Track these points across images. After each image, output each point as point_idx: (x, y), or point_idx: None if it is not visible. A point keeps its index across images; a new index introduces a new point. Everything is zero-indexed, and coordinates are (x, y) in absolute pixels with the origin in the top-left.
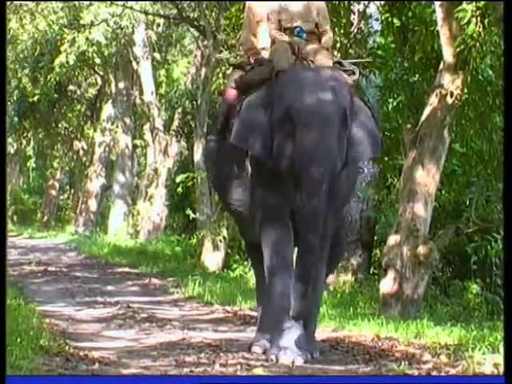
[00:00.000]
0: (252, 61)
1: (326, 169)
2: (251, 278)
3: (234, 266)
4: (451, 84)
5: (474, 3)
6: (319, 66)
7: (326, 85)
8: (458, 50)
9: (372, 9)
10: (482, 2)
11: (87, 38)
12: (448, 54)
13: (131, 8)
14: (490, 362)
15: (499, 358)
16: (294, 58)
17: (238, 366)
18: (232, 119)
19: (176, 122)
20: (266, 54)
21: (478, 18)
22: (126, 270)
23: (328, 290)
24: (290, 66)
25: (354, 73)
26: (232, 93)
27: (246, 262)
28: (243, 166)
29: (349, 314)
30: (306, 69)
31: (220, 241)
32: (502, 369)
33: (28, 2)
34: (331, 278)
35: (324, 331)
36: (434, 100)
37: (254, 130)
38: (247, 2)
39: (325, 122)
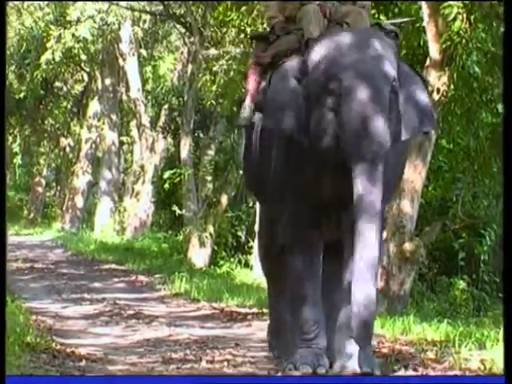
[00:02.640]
0: (277, 29)
1: (379, 146)
2: (238, 275)
3: (221, 262)
4: (437, 80)
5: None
6: (358, 29)
7: (369, 51)
8: (444, 46)
9: None
10: None
11: (73, 35)
12: (434, 51)
13: (117, 4)
14: (476, 358)
15: (486, 354)
16: (327, 23)
17: (225, 363)
18: (259, 98)
19: (162, 119)
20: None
21: (464, 15)
22: (113, 266)
23: None
24: (323, 32)
25: (396, 35)
26: (256, 69)
27: (232, 259)
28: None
29: None
30: (343, 33)
31: (206, 237)
32: (488, 365)
33: None
34: None
35: None
36: None
37: (285, 104)
38: None
39: (373, 93)
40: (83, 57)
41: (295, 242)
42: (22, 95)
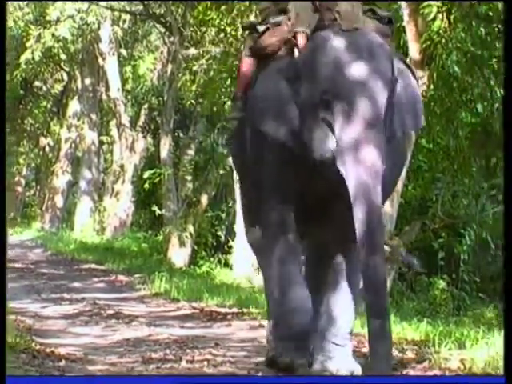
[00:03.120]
0: (269, 20)
1: (379, 167)
2: (218, 274)
3: (201, 262)
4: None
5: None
6: (352, 31)
7: (367, 55)
8: (424, 46)
9: None
10: None
11: (53, 35)
12: (414, 50)
13: (97, 4)
14: (456, 357)
15: (465, 354)
16: (318, 13)
17: (205, 363)
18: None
19: (142, 118)
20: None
21: (444, 14)
22: (93, 266)
23: None
24: (313, 23)
25: (390, 21)
26: (247, 62)
27: (212, 259)
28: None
29: None
30: (338, 34)
31: (186, 237)
32: (468, 364)
33: None
34: None
35: None
36: None
37: (275, 107)
38: None
39: (371, 108)
40: (63, 56)
41: (277, 240)
42: None
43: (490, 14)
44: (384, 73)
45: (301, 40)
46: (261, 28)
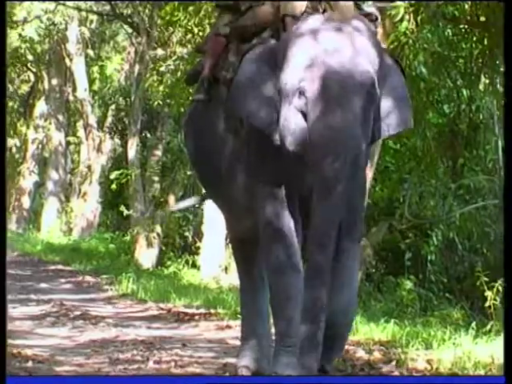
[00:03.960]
0: None
1: (344, 161)
2: (185, 275)
3: (168, 262)
4: None
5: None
6: (340, 23)
7: (350, 48)
8: (391, 47)
9: None
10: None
11: (20, 35)
12: None
13: (64, 5)
14: (423, 358)
15: (432, 354)
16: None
17: (172, 363)
18: (219, 74)
19: (109, 119)
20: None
21: (411, 15)
22: (60, 267)
23: None
24: (301, 8)
25: (376, 18)
26: (219, 41)
27: (179, 259)
28: (238, 138)
29: None
30: (324, 22)
31: (154, 238)
32: (435, 365)
33: None
34: None
35: None
36: None
37: (257, 95)
38: None
39: (347, 101)
40: (30, 57)
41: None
42: None
43: (457, 14)
44: (368, 68)
45: (288, 24)
46: (243, 7)
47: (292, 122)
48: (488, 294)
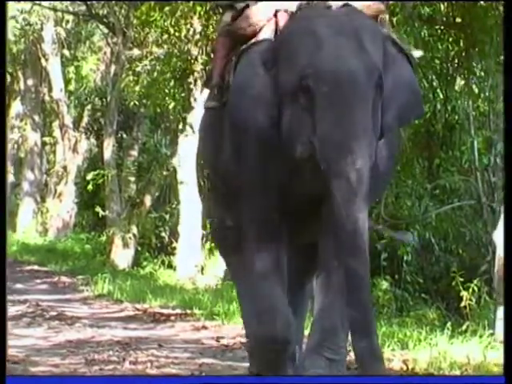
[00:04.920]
0: None
1: (364, 162)
2: (161, 276)
3: (144, 263)
4: None
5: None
6: (337, 10)
7: (352, 38)
8: None
9: None
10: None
11: None
12: None
13: (40, 5)
14: (399, 358)
15: (408, 355)
16: None
17: (148, 364)
18: (227, 78)
19: (85, 119)
20: None
21: (387, 16)
22: (35, 267)
23: None
24: (296, 3)
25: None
26: (224, 43)
27: (155, 260)
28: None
29: None
30: (322, 13)
31: (130, 238)
32: (410, 365)
33: None
34: None
35: (234, 328)
36: None
37: (254, 98)
38: None
39: (356, 93)
40: None
41: (259, 240)
42: None
43: (433, 15)
44: (372, 57)
45: (282, 19)
46: (239, 6)
47: (297, 123)
48: (463, 294)
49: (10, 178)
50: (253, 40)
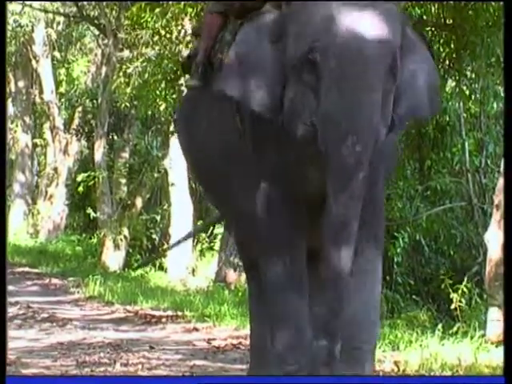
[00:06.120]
0: None
1: (365, 146)
2: (152, 277)
3: (135, 265)
4: None
5: None
6: None
7: (368, 14)
8: None
9: None
10: None
11: None
12: None
13: (31, 6)
14: (390, 359)
15: (399, 356)
16: None
17: (139, 366)
18: (215, 59)
19: (76, 121)
20: None
21: None
22: (26, 269)
23: (229, 288)
24: None
25: None
26: (214, 20)
27: None
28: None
29: None
30: None
31: (121, 240)
32: (402, 366)
33: None
34: (234, 277)
35: (226, 330)
36: None
37: (256, 72)
38: None
39: (366, 73)
40: None
41: (272, 242)
42: None
43: (424, 17)
44: (389, 37)
45: None
46: None
47: (300, 101)
48: (454, 295)
49: None
50: (254, 13)
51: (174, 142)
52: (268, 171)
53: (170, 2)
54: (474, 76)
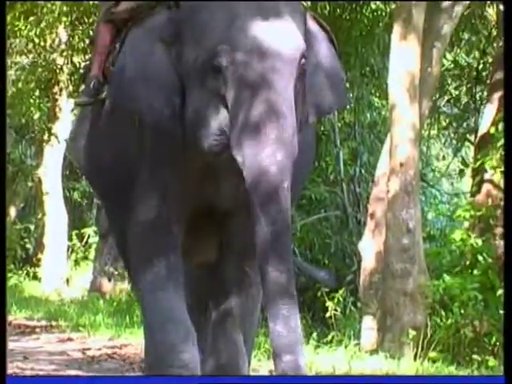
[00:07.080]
0: None
1: (285, 153)
2: (26, 287)
3: (9, 274)
4: None
5: None
6: None
7: (271, 10)
8: None
9: None
10: None
11: None
12: None
13: None
14: (265, 368)
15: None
16: None
17: None
18: (110, 71)
19: None
20: None
21: None
22: None
23: (104, 298)
24: None
25: None
26: (107, 30)
27: (20, 271)
28: (137, 143)
29: (125, 323)
30: None
31: None
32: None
33: None
34: (109, 286)
35: (100, 340)
36: None
37: (150, 78)
38: None
39: (276, 75)
40: None
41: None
42: None
43: None
44: (295, 33)
45: None
46: None
47: (206, 110)
48: (329, 304)
49: None
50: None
51: (48, 151)
52: (162, 184)
53: (45, 11)
54: (348, 86)
